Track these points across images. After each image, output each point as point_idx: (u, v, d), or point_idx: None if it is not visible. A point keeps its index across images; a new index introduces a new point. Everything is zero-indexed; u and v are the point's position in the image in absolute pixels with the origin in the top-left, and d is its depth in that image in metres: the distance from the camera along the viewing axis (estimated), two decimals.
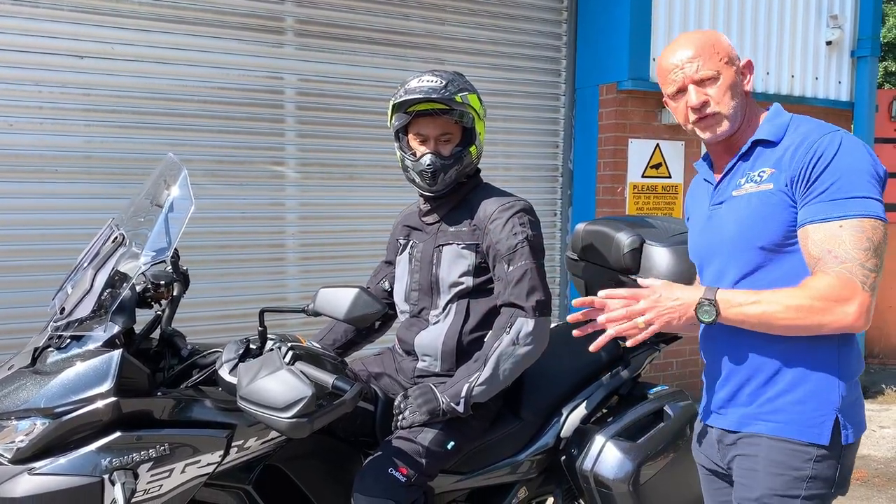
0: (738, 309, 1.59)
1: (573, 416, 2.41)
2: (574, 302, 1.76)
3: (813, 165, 1.58)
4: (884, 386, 6.05)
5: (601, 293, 1.69)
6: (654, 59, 5.12)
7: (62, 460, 1.74)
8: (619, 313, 1.64)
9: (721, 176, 1.79)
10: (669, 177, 5.32)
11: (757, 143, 1.72)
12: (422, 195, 2.33)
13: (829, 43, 5.88)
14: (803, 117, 1.73)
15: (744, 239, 1.68)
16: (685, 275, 2.17)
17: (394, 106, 2.22)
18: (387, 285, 2.53)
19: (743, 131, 1.75)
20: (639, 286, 1.69)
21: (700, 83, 1.70)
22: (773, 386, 1.68)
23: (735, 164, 1.76)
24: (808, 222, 1.58)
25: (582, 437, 2.35)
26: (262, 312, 1.97)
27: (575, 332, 1.80)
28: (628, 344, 1.65)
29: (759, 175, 1.68)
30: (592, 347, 1.71)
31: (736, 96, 1.71)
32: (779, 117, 1.74)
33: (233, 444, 1.93)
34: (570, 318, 1.81)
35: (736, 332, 1.69)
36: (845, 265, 1.54)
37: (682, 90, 1.73)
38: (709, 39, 1.73)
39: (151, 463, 1.80)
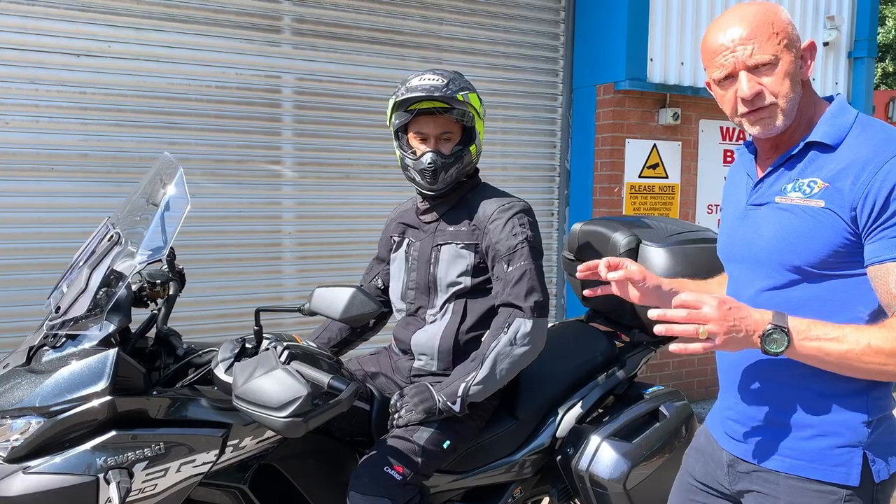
0: (815, 344, 1.36)
1: (569, 416, 2.41)
2: (579, 269, 1.75)
3: (889, 192, 1.36)
4: None
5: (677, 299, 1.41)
6: (651, 60, 5.13)
7: (57, 459, 1.73)
8: (681, 314, 1.38)
9: (764, 174, 1.57)
10: (666, 177, 5.32)
11: (811, 144, 1.49)
12: (421, 194, 2.33)
13: (826, 44, 5.89)
14: (870, 120, 1.49)
15: (779, 253, 1.49)
16: (681, 276, 2.16)
17: (395, 104, 2.21)
18: (380, 283, 2.53)
19: (797, 125, 1.51)
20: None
21: (754, 69, 1.45)
22: (792, 414, 1.51)
23: (782, 164, 1.54)
24: (891, 259, 1.36)
25: (578, 436, 2.35)
26: (258, 312, 1.97)
27: (586, 292, 1.80)
28: (673, 348, 1.39)
29: (808, 186, 1.46)
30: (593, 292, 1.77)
31: (795, 86, 1.46)
32: (842, 116, 1.49)
33: (228, 443, 1.93)
34: (581, 268, 1.75)
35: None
36: None
37: (731, 76, 1.48)
38: (766, 16, 1.45)
39: (147, 462, 1.80)
